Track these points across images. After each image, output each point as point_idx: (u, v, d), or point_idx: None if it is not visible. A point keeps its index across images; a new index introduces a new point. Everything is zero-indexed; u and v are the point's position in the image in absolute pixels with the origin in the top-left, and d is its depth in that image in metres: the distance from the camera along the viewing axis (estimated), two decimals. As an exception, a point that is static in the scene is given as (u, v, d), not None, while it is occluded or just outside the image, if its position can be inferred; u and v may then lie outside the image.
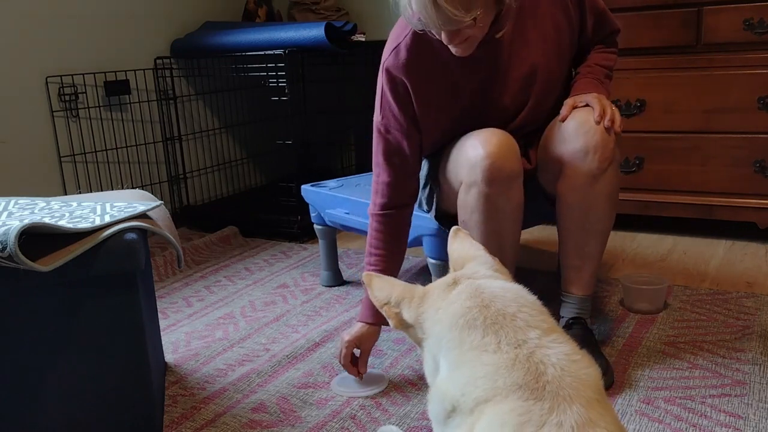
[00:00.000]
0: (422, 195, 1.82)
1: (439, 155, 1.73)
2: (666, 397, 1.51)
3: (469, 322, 0.90)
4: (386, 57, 1.61)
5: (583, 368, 0.85)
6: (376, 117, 1.65)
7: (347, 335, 1.62)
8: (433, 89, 1.61)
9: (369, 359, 1.63)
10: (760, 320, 1.86)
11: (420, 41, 1.55)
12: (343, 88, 3.32)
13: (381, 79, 1.62)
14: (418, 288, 1.03)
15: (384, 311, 1.06)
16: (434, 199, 1.78)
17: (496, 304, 0.91)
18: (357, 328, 1.63)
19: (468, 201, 1.60)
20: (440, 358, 0.94)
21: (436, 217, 1.80)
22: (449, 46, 1.50)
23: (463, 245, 1.10)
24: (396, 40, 1.60)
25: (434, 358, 0.97)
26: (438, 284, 1.01)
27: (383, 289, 1.05)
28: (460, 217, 1.65)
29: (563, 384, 0.82)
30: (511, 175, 1.55)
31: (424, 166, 1.81)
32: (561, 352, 0.85)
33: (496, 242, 1.60)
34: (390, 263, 1.64)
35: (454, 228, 1.15)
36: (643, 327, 1.86)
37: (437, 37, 1.47)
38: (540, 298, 0.98)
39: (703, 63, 2.39)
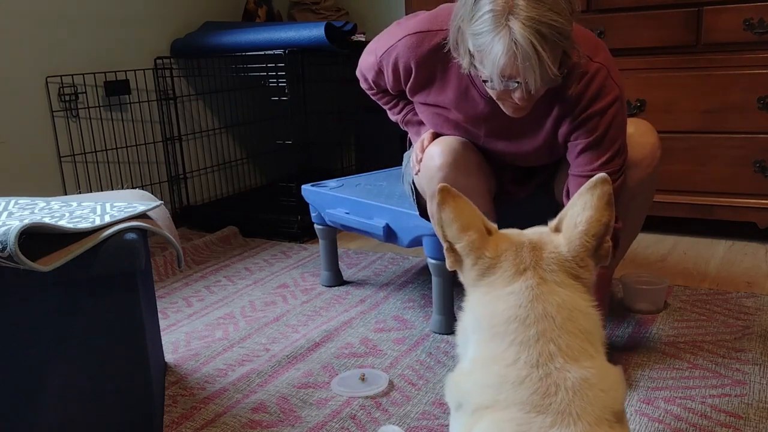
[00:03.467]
0: (409, 190, 1.80)
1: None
2: (666, 397, 1.51)
3: (500, 334, 0.87)
4: (416, 28, 1.53)
5: (599, 391, 0.82)
6: (376, 52, 1.63)
7: (426, 137, 1.64)
8: (426, 87, 1.60)
9: (369, 359, 1.63)
10: (760, 320, 1.86)
11: (442, 54, 1.48)
12: (343, 88, 3.31)
13: (397, 38, 1.56)
14: (488, 251, 0.92)
15: (444, 247, 0.96)
16: (414, 197, 1.78)
17: (539, 326, 0.86)
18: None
19: (434, 212, 1.61)
20: (469, 341, 0.92)
21: (420, 212, 1.80)
22: (506, 105, 1.41)
23: (582, 211, 0.92)
24: (434, 25, 1.51)
25: (466, 333, 0.94)
26: (509, 260, 0.91)
27: (454, 223, 0.93)
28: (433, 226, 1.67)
29: (572, 405, 0.80)
30: (467, 187, 1.54)
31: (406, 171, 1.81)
32: (579, 377, 0.82)
33: None
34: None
35: (600, 176, 0.94)
36: (643, 327, 1.86)
37: (492, 89, 1.36)
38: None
39: (703, 63, 2.39)
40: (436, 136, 1.65)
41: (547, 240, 0.93)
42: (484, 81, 1.36)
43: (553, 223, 0.96)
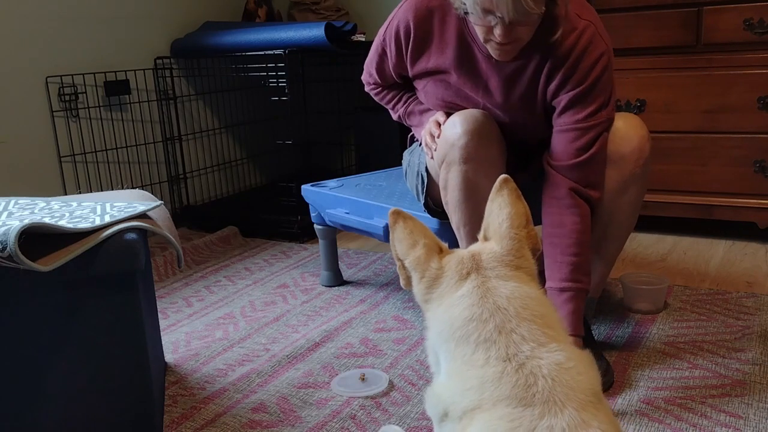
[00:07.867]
0: (417, 182, 1.80)
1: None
2: (666, 397, 1.51)
3: (464, 337, 0.90)
4: None
5: (576, 375, 0.84)
6: (380, 33, 1.70)
7: (439, 116, 1.64)
8: (425, 52, 1.62)
9: (369, 359, 1.62)
10: (760, 320, 1.86)
11: (440, 13, 1.56)
12: (343, 88, 3.32)
13: (398, 8, 1.64)
14: (434, 263, 0.98)
15: (397, 265, 1.02)
16: (425, 188, 1.76)
17: (495, 319, 0.89)
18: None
19: (448, 180, 1.59)
20: (440, 355, 0.95)
21: (427, 208, 1.79)
22: (491, 45, 1.46)
23: (500, 211, 1.00)
24: None
25: (434, 350, 0.96)
26: (452, 269, 0.97)
27: (403, 241, 1.00)
28: (442, 197, 1.64)
29: (554, 392, 0.81)
30: (486, 157, 1.54)
31: (416, 154, 1.80)
32: (553, 362, 0.84)
33: (477, 225, 1.59)
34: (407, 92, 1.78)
35: (501, 177, 1.03)
36: (643, 327, 1.86)
37: (480, 24, 1.41)
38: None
39: (703, 63, 2.39)
40: (447, 116, 1.63)
41: (482, 248, 1.00)
42: (466, 14, 1.42)
43: (480, 235, 1.03)
